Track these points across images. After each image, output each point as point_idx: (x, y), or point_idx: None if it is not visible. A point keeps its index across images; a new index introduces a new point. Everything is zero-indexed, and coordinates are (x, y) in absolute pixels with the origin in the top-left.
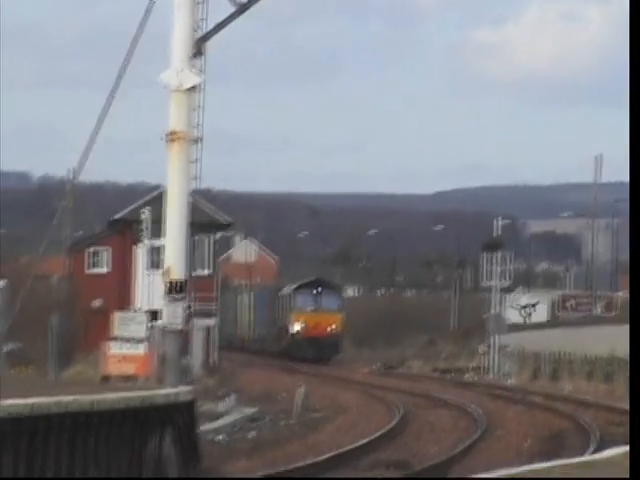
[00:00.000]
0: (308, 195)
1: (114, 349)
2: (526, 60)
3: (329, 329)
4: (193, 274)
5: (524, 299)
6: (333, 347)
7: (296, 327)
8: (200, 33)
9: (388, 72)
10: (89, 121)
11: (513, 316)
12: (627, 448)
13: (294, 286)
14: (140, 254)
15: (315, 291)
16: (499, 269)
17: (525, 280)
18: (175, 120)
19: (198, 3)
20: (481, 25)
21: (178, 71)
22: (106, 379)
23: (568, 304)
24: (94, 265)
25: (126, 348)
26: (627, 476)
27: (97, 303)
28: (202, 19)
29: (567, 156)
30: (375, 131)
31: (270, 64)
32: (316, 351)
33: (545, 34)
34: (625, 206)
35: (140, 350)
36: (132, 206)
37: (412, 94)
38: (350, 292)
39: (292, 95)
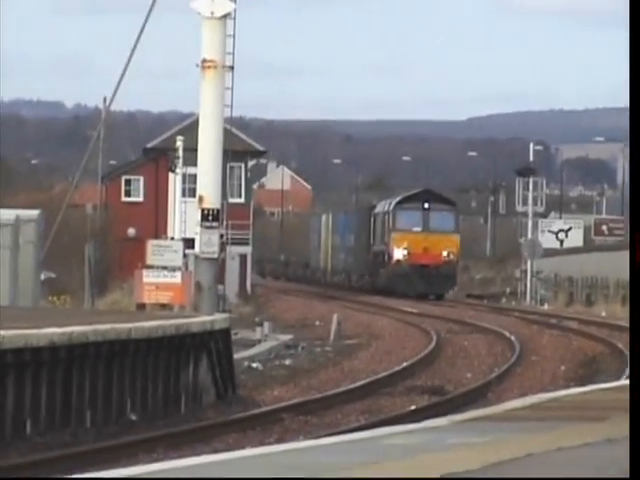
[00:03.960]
0: (341, 122)
1: (149, 277)
2: None
3: (443, 255)
4: (227, 202)
5: (558, 224)
6: (448, 279)
7: (399, 253)
8: None
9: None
10: (123, 49)
11: (548, 241)
12: None
13: (396, 200)
14: (174, 182)
15: (423, 206)
16: (533, 195)
17: (559, 205)
18: (208, 48)
19: None
20: None
21: None
22: (141, 307)
23: (602, 229)
24: (128, 194)
25: (161, 276)
26: None
27: (132, 232)
28: None
29: (601, 80)
30: (408, 57)
31: None
32: (426, 284)
33: None
34: None
35: (175, 278)
36: (166, 134)
37: (445, 19)
38: None
39: (324, 20)
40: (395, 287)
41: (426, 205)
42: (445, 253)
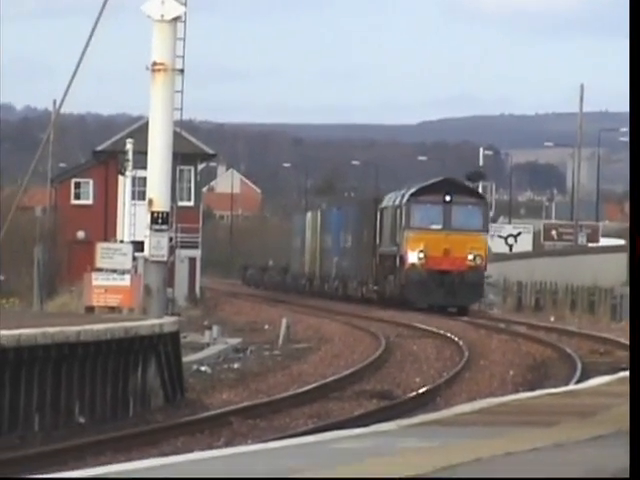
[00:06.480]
0: (291, 126)
1: (98, 280)
2: None
3: (468, 259)
4: (176, 205)
5: (507, 229)
6: (474, 288)
7: (414, 257)
8: None
9: (377, 3)
10: (74, 52)
11: (497, 246)
12: (610, 377)
13: (410, 191)
14: (124, 185)
15: (444, 199)
16: None
17: (508, 210)
18: (158, 51)
19: None
20: None
21: (161, 1)
22: (90, 310)
23: (551, 234)
24: (78, 196)
25: (110, 279)
26: (608, 403)
27: (81, 234)
28: None
29: (551, 86)
30: (360, 61)
31: None
32: (447, 294)
33: None
34: (608, 135)
35: (124, 281)
36: (116, 137)
37: (397, 23)
38: None
39: (276, 25)
40: (408, 297)
41: (448, 198)
42: (471, 257)
